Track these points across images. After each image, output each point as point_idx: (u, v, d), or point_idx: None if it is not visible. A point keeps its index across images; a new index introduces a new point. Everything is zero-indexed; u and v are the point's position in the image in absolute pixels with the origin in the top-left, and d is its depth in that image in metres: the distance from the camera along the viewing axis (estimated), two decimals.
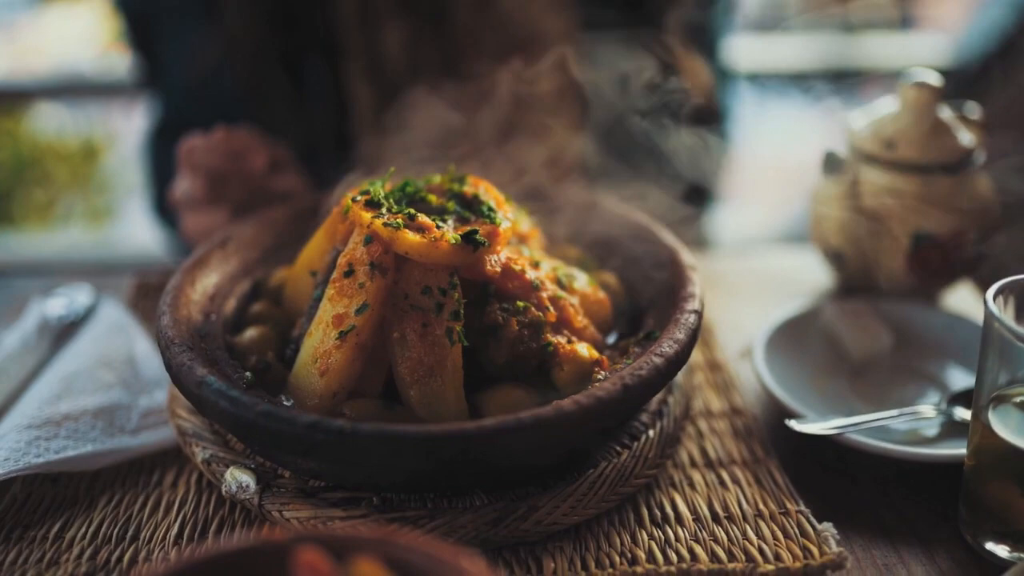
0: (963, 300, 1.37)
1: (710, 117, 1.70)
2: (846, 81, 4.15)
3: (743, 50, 2.09)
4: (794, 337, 1.19)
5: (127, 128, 4.24)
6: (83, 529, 0.91)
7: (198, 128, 1.36)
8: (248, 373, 0.92)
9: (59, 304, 1.28)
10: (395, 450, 0.77)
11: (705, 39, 1.80)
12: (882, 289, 1.30)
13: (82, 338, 1.19)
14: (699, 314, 0.96)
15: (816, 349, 1.19)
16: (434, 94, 1.27)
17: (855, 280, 1.32)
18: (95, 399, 1.05)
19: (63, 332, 1.23)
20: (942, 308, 1.29)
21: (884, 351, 1.19)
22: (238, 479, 0.90)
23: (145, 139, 1.78)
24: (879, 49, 3.94)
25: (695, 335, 0.94)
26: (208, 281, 1.05)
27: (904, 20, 4.43)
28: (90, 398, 1.05)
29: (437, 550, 0.62)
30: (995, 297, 0.85)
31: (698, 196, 1.52)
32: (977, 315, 1.26)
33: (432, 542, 0.63)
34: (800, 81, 4.02)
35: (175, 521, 0.92)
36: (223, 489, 0.90)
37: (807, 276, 1.46)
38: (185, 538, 0.90)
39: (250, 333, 1.00)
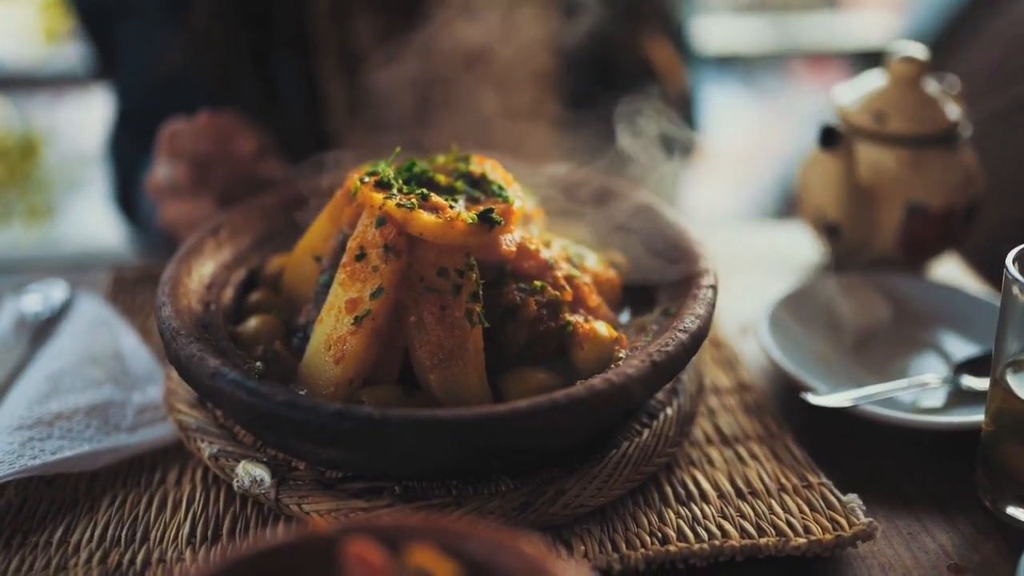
0: (950, 271, 1.39)
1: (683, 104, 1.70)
2: (781, 62, 4.21)
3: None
4: (794, 312, 1.19)
5: (66, 122, 4.11)
6: (88, 532, 0.86)
7: (163, 121, 1.30)
8: (259, 363, 0.88)
9: (34, 300, 1.21)
10: (427, 436, 0.75)
11: (674, 25, 1.79)
12: (874, 262, 1.31)
13: (63, 334, 1.14)
14: (715, 289, 0.95)
15: (817, 323, 1.19)
16: None
17: (848, 254, 1.33)
18: (86, 397, 1.00)
19: (40, 329, 1.18)
20: (933, 279, 1.30)
21: (884, 323, 1.19)
22: (252, 473, 0.86)
23: (108, 133, 1.71)
24: (813, 30, 3.98)
25: (713, 310, 0.93)
26: (204, 270, 1.01)
27: (831, 1, 4.48)
28: (80, 396, 1.00)
29: (495, 534, 0.60)
30: (1014, 262, 0.85)
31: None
32: (967, 285, 1.28)
33: (488, 526, 0.61)
34: (737, 64, 4.07)
35: (185, 520, 0.88)
36: (235, 484, 0.87)
37: (794, 252, 1.47)
38: (199, 537, 0.86)
39: (254, 322, 0.96)
